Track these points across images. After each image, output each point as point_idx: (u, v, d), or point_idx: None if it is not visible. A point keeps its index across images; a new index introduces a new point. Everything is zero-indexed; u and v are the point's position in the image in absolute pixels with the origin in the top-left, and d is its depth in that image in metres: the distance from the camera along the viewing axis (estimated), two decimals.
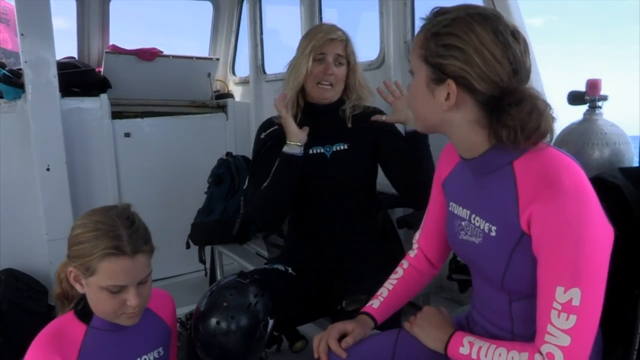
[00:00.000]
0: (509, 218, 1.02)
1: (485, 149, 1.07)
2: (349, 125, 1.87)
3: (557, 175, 0.96)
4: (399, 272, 1.41)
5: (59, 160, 2.91)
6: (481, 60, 0.99)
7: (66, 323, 1.32)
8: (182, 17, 4.30)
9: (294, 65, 1.86)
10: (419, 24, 1.98)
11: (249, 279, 1.60)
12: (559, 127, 1.66)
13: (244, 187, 2.44)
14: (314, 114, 1.87)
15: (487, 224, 1.09)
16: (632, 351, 1.12)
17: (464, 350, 1.11)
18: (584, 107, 1.51)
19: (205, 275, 3.11)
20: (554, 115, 1.03)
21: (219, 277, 2.97)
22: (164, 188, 3.42)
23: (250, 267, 2.46)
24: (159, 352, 1.43)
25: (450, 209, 1.24)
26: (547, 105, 1.02)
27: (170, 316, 1.50)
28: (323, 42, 1.82)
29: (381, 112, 1.91)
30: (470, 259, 1.20)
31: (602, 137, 1.44)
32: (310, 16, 3.09)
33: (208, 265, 2.95)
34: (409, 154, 1.77)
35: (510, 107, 0.99)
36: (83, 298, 1.33)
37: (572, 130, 1.50)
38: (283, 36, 3.89)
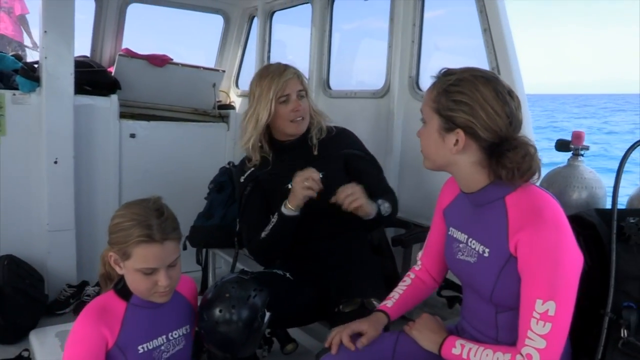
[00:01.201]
0: (500, 242, 1.25)
1: (483, 185, 1.30)
2: (315, 153, 2.01)
3: (540, 209, 1.20)
4: (407, 280, 1.63)
5: (67, 154, 3.01)
6: (485, 114, 1.23)
7: (109, 300, 1.51)
8: (193, 28, 4.45)
9: (252, 114, 1.97)
10: (424, 62, 2.24)
11: (249, 276, 1.77)
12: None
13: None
14: (285, 151, 2.03)
15: (482, 247, 1.31)
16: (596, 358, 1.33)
17: (455, 351, 1.33)
18: (568, 154, 1.74)
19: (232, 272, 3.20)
20: (540, 158, 1.26)
21: (210, 279, 3.08)
22: (163, 189, 3.41)
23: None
24: (186, 329, 1.62)
25: (450, 233, 1.46)
26: (536, 150, 1.25)
27: (194, 298, 1.70)
28: (282, 84, 1.94)
29: (344, 131, 2.12)
30: (464, 275, 1.41)
31: (582, 181, 1.67)
32: (321, 40, 3.26)
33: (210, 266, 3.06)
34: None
35: (508, 152, 1.23)
36: (122, 279, 1.52)
37: (558, 173, 1.73)
38: (290, 54, 4.06)
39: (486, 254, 1.30)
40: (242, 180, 2.06)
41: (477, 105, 1.23)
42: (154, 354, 1.53)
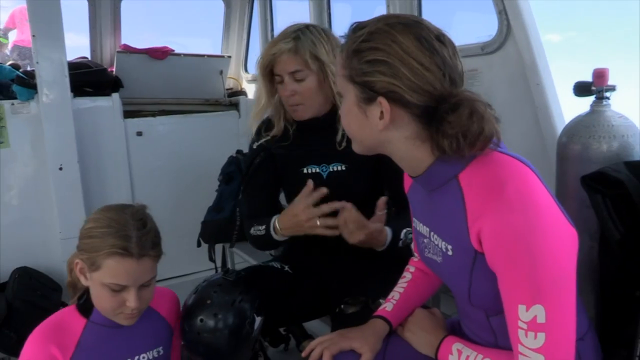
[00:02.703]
0: (461, 237, 0.98)
1: (428, 164, 1.02)
2: (344, 144, 1.67)
3: (500, 186, 0.91)
4: (407, 276, 1.37)
5: (72, 159, 2.93)
6: (409, 71, 0.94)
7: (67, 316, 1.37)
8: (193, 16, 4.32)
9: (256, 91, 1.72)
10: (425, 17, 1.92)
11: (235, 277, 1.58)
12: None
13: (239, 198, 2.39)
14: (306, 130, 1.71)
15: (444, 243, 1.04)
16: (635, 353, 1.06)
17: (452, 359, 1.10)
18: (590, 99, 1.45)
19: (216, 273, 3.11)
20: (496, 115, 0.96)
21: None
22: (176, 186, 3.43)
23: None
24: (158, 352, 1.44)
25: (414, 225, 1.19)
26: (486, 106, 0.96)
27: (173, 315, 1.51)
28: (269, 61, 1.63)
29: None
30: (438, 275, 1.16)
31: (609, 129, 1.37)
32: (319, 11, 3.08)
33: (219, 263, 2.95)
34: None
35: (447, 115, 0.94)
36: (86, 292, 1.36)
37: (578, 123, 1.44)
38: None
39: (450, 252, 1.03)
40: (254, 146, 1.79)
41: (396, 60, 0.94)
42: None
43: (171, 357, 1.49)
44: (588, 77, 1.43)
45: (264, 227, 1.66)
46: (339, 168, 1.70)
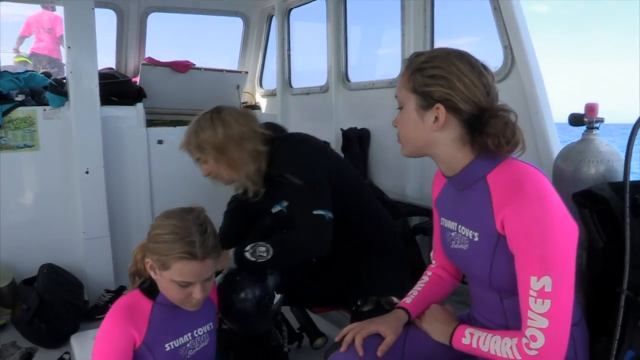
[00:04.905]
0: (487, 223, 1.22)
1: (465, 164, 1.27)
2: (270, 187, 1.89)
3: (521, 183, 1.16)
4: (424, 278, 1.58)
5: (97, 164, 3.10)
6: (462, 85, 1.21)
7: (135, 299, 1.53)
8: (213, 33, 4.52)
9: None
10: (438, 44, 2.18)
11: None
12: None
13: None
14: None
15: (471, 232, 1.28)
16: (614, 340, 1.27)
17: (465, 341, 1.30)
18: (582, 128, 1.66)
19: None
20: (520, 127, 1.23)
21: None
22: (194, 193, 3.55)
23: None
24: (210, 326, 1.65)
25: (442, 223, 1.42)
26: (516, 117, 1.23)
27: (216, 296, 1.72)
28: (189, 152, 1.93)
29: (278, 149, 1.86)
30: (461, 264, 1.38)
31: (597, 155, 1.60)
32: (336, 34, 3.26)
33: None
34: None
35: (490, 119, 1.20)
36: (148, 278, 1.55)
37: (572, 149, 1.66)
38: (310, 51, 4.08)
39: (476, 239, 1.26)
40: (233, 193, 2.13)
41: (453, 77, 1.21)
42: (180, 351, 1.56)
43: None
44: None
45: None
46: (283, 206, 1.90)
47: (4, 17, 5.41)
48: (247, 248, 1.72)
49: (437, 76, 1.22)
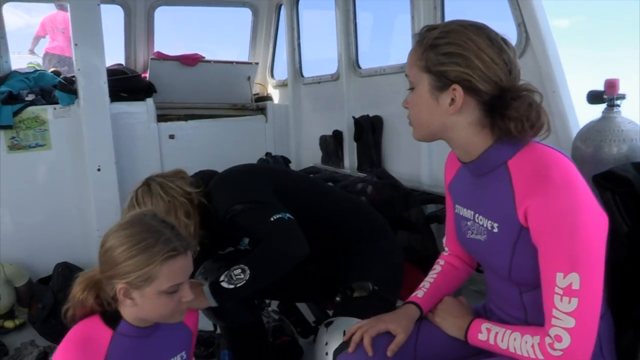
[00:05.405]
0: (508, 214, 1.10)
1: (483, 150, 1.14)
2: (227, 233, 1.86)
3: (546, 170, 1.04)
4: (437, 268, 1.47)
5: (109, 161, 3.10)
6: (481, 63, 1.08)
7: (93, 327, 1.33)
8: (222, 24, 4.48)
9: None
10: None
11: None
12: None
13: None
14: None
15: (490, 222, 1.16)
16: None
17: (482, 337, 1.19)
18: (602, 106, 1.56)
19: None
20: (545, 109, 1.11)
21: None
22: None
23: None
24: (182, 356, 1.46)
25: (456, 211, 1.31)
26: (542, 97, 1.11)
27: (194, 320, 1.53)
28: None
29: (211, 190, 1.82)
30: (478, 255, 1.27)
31: (619, 134, 1.49)
32: (345, 21, 3.19)
33: None
34: None
35: (513, 101, 1.08)
36: (109, 305, 1.33)
37: (591, 128, 1.55)
38: (320, 40, 4.01)
39: (495, 230, 1.14)
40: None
41: (471, 54, 1.08)
42: None
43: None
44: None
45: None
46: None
47: (18, 21, 5.44)
48: (222, 278, 1.57)
49: (452, 54, 1.09)
